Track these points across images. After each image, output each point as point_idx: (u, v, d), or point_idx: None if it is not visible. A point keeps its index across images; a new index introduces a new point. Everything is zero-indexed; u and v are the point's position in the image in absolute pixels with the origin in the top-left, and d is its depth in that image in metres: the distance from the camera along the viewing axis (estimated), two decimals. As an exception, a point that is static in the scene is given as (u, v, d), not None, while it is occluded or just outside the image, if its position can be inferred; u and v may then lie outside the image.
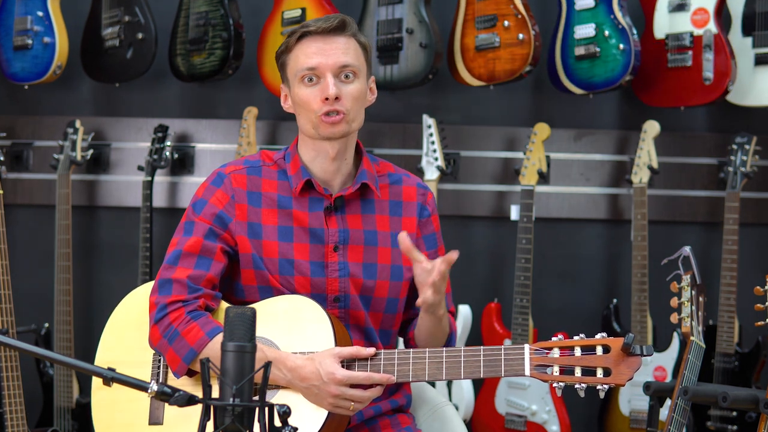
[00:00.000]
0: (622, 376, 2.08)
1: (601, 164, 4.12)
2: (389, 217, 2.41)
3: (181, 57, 3.97)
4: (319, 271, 2.34)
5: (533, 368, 2.13)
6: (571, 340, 2.14)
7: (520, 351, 2.15)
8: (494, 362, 2.16)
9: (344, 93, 2.29)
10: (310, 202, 2.36)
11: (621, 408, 3.85)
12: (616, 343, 2.10)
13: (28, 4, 3.97)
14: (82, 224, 4.20)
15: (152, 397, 1.82)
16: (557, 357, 2.13)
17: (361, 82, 2.33)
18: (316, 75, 2.29)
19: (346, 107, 2.29)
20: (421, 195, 2.45)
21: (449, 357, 2.19)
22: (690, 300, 2.62)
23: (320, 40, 2.30)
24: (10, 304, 3.24)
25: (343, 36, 2.31)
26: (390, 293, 2.40)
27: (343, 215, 2.37)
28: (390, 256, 2.39)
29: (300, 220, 2.35)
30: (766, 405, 2.52)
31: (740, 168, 3.77)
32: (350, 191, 2.36)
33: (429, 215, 2.46)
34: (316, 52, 2.29)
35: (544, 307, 4.01)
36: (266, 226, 2.34)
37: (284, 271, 2.33)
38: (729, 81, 3.66)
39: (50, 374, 3.88)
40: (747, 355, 3.75)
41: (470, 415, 3.86)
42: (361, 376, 2.18)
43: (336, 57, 2.29)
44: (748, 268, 3.88)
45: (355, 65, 2.31)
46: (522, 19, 3.73)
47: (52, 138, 4.12)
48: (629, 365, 2.09)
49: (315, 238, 2.35)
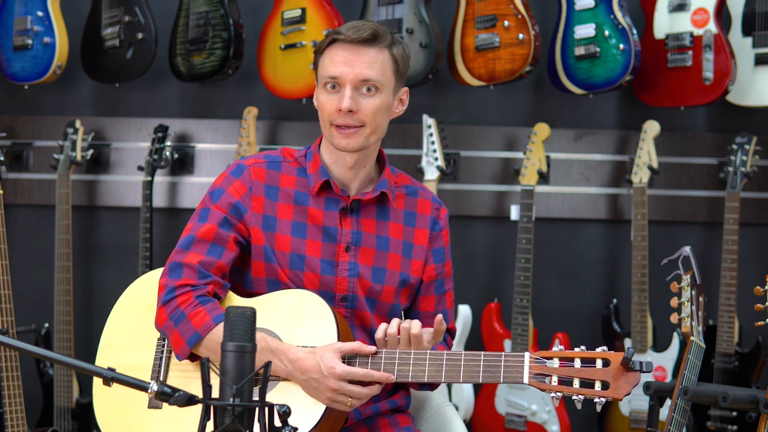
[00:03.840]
0: (621, 391, 2.08)
1: (601, 164, 4.12)
2: (403, 226, 2.43)
3: (181, 57, 3.97)
4: (329, 269, 2.36)
5: (532, 377, 2.14)
6: (572, 352, 2.15)
7: (520, 359, 2.16)
8: (493, 368, 2.17)
9: (362, 106, 2.30)
10: (327, 201, 2.38)
11: (621, 408, 3.85)
12: (616, 358, 2.10)
13: (28, 4, 3.97)
14: (82, 224, 4.21)
15: (152, 397, 1.82)
16: (556, 367, 2.13)
17: (383, 96, 2.32)
18: (338, 84, 2.30)
19: (362, 120, 2.30)
20: (435, 210, 2.48)
21: (449, 360, 2.20)
22: (690, 300, 2.62)
23: (349, 49, 2.30)
24: (10, 304, 3.24)
25: (374, 48, 2.30)
26: (395, 299, 2.42)
27: (358, 218, 2.39)
28: (400, 263, 2.41)
29: (315, 218, 2.37)
30: (766, 405, 2.52)
31: (740, 168, 3.77)
32: (368, 197, 2.38)
33: (440, 230, 2.48)
34: (341, 62, 2.29)
35: (544, 307, 4.01)
36: (281, 220, 2.36)
37: (294, 266, 2.35)
38: (729, 81, 3.66)
39: (50, 374, 3.88)
40: (747, 355, 3.75)
41: (470, 415, 3.86)
42: (360, 372, 2.19)
43: (359, 70, 2.29)
44: (748, 268, 3.88)
45: (378, 80, 2.30)
46: (522, 19, 3.73)
47: (52, 138, 4.12)
48: (628, 380, 2.09)
49: (328, 237, 2.37)
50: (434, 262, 2.46)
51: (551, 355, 2.15)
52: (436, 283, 2.47)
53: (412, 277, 2.43)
